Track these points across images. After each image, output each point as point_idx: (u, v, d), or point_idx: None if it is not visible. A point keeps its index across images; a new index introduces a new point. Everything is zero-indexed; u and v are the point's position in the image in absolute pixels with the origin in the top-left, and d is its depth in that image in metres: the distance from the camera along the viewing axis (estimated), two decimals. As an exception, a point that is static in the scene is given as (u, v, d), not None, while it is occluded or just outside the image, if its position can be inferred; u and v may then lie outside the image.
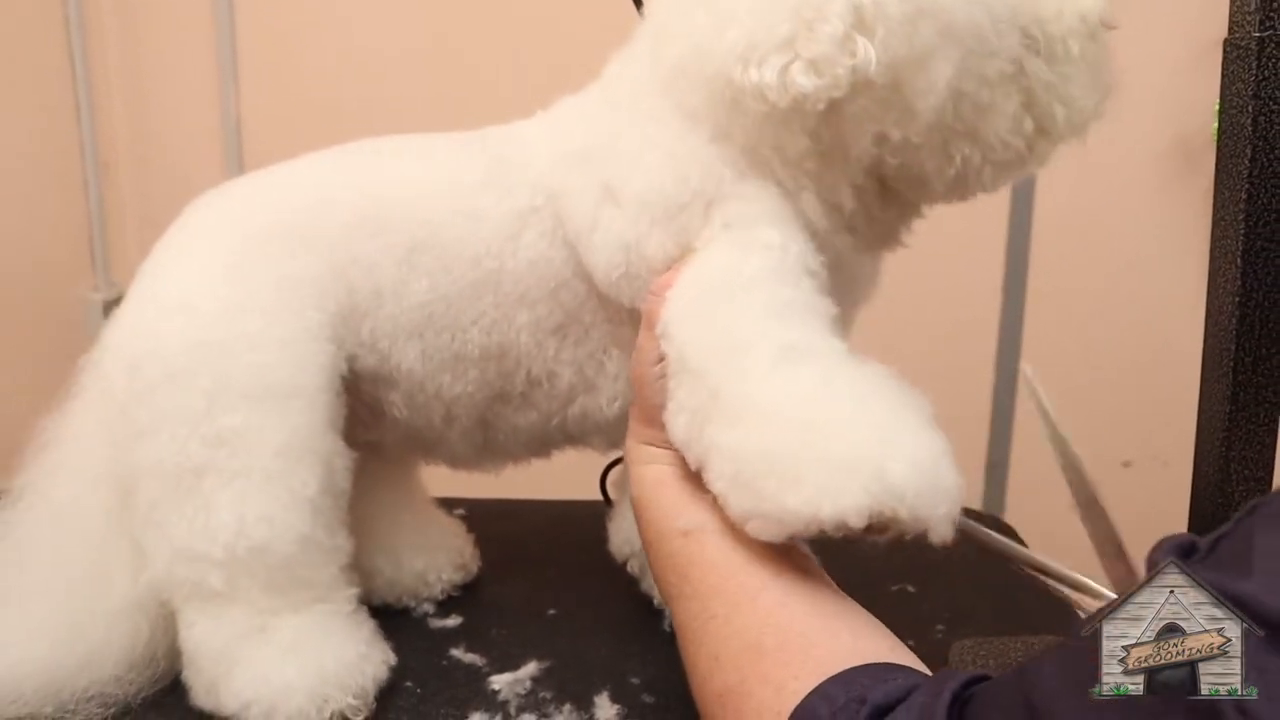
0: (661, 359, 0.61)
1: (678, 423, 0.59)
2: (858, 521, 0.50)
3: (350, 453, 0.72)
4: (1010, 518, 1.61)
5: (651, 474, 0.62)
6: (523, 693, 0.74)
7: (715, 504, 0.57)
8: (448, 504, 0.99)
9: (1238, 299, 0.59)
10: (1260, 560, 0.33)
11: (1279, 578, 0.32)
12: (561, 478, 0.94)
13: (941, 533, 0.51)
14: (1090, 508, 0.65)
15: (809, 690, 0.46)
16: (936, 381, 1.77)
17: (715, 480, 0.56)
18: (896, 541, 0.52)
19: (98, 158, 1.53)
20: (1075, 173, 1.39)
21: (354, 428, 0.73)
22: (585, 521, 0.93)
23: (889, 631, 0.53)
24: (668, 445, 0.61)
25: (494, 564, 0.92)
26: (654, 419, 0.62)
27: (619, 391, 0.71)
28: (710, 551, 0.56)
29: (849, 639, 0.50)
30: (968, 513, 1.05)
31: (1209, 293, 0.62)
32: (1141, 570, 0.38)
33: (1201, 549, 0.36)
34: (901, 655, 0.50)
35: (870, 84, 0.56)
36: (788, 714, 0.46)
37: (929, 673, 0.48)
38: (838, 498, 0.50)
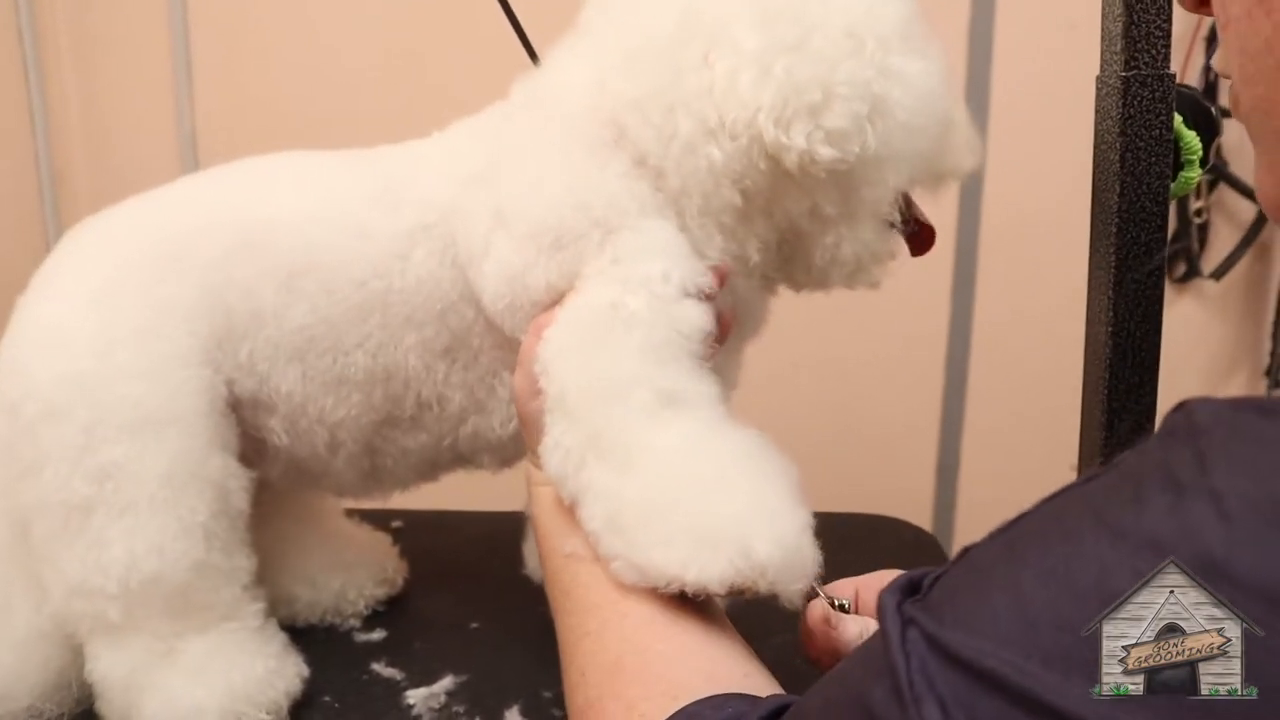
0: (538, 394, 0.62)
1: (553, 458, 0.61)
2: (718, 589, 0.54)
3: (246, 472, 0.72)
4: (960, 524, 1.62)
5: (546, 495, 0.63)
6: (436, 707, 0.75)
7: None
8: (384, 516, 1.00)
9: (1110, 329, 0.61)
10: (960, 609, 0.35)
11: (973, 629, 0.34)
12: (499, 489, 0.95)
13: (793, 602, 0.56)
14: None
15: (657, 715, 0.48)
16: (886, 389, 1.77)
17: (589, 520, 0.58)
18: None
19: (52, 167, 1.53)
20: (1023, 175, 1.40)
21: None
22: (520, 534, 0.93)
23: (750, 656, 0.55)
24: None
25: (426, 576, 0.93)
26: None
27: (512, 414, 0.72)
28: (592, 571, 0.58)
29: (705, 663, 0.53)
30: (897, 523, 1.07)
31: (1087, 323, 0.64)
32: None
33: (923, 588, 0.38)
34: (755, 682, 0.52)
35: (850, 164, 0.60)
36: None
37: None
38: (704, 567, 0.54)
